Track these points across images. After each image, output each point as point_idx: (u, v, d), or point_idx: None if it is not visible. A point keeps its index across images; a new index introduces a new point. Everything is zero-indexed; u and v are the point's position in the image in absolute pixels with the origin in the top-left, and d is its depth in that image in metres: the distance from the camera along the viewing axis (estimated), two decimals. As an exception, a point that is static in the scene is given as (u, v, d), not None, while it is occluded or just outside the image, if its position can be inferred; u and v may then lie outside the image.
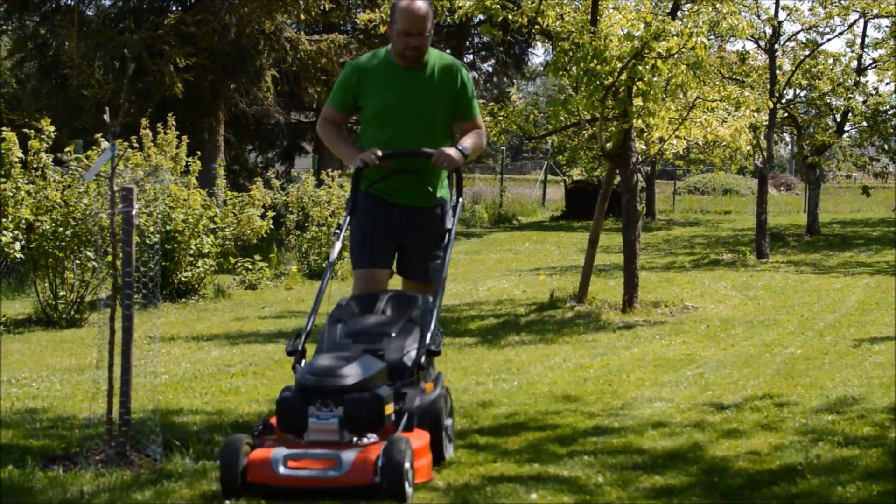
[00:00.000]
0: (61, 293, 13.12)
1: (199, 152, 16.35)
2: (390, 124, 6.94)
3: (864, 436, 6.63)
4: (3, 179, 12.64)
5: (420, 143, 6.89)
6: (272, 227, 17.62)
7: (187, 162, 15.62)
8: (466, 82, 7.06)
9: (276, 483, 5.38)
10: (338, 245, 6.81)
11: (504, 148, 40.90)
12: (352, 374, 5.64)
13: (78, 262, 13.09)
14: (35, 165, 13.01)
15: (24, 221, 12.71)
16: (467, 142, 6.99)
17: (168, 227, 14.83)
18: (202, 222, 15.40)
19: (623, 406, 7.71)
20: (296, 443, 5.59)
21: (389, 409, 5.68)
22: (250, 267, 16.96)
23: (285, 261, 18.90)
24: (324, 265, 18.32)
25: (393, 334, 6.06)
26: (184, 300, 14.95)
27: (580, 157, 29.82)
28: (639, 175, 13.67)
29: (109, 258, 6.54)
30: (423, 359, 5.99)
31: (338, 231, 6.93)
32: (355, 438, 5.59)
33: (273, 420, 5.78)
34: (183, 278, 15.24)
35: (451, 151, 6.81)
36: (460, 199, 7.06)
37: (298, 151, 35.47)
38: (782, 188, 52.21)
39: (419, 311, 6.26)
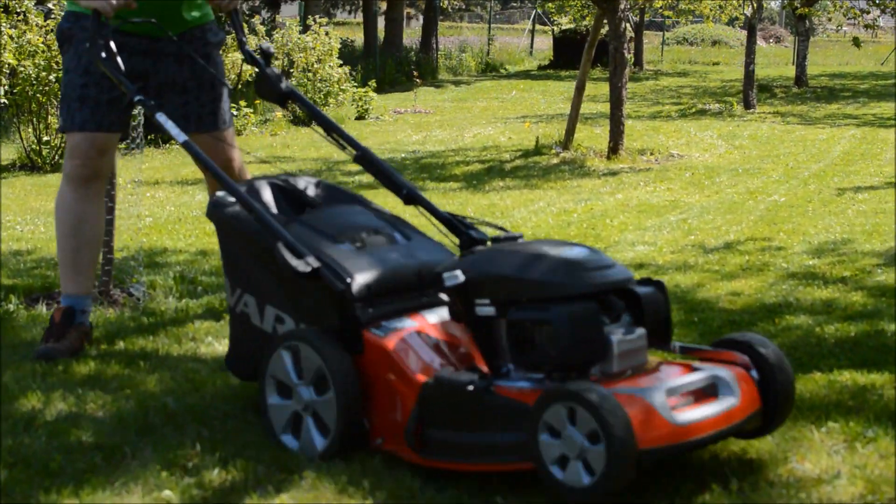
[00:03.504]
0: (45, 138, 13.04)
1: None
2: None
3: (844, 279, 6.67)
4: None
5: None
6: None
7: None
8: None
9: (676, 440, 3.42)
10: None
11: (492, -4, 40.47)
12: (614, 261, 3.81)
13: (61, 105, 12.98)
14: (17, 10, 12.84)
15: (7, 66, 12.58)
16: None
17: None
18: (186, 67, 15.25)
19: (606, 249, 7.73)
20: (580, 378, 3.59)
21: None
22: (235, 113, 16.85)
23: (270, 107, 18.78)
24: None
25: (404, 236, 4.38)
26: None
27: (569, 6, 29.50)
28: (627, 24, 13.53)
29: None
30: None
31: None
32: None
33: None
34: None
35: None
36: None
37: (284, -2, 35.07)
38: (771, 40, 51.86)
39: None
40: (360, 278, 3.92)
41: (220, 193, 4.39)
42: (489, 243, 4.17)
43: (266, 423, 3.96)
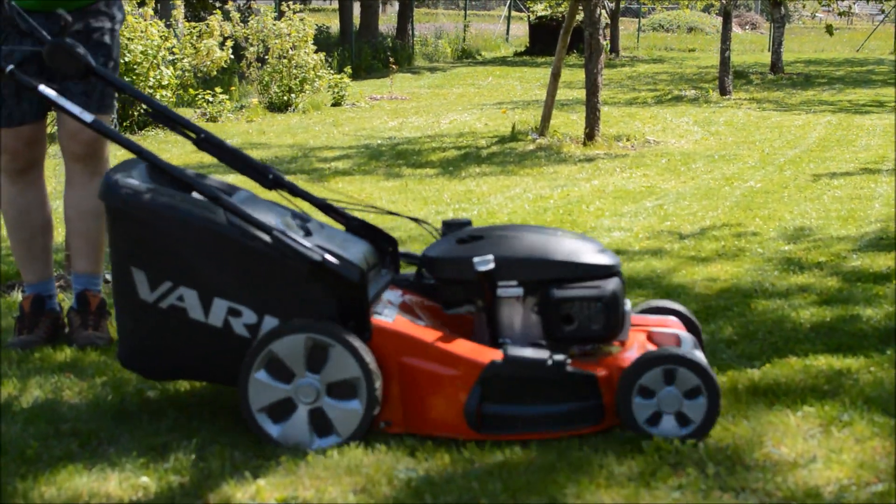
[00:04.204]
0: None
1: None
2: None
3: (819, 264, 6.69)
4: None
5: None
6: (231, 57, 17.42)
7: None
8: None
9: None
10: None
11: (468, -17, 40.42)
12: None
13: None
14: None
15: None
16: None
17: (126, 59, 14.65)
18: (161, 54, 15.21)
19: (582, 235, 7.73)
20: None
21: None
22: (211, 99, 16.79)
23: (246, 93, 18.74)
24: (285, 98, 18.17)
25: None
26: (144, 132, 14.82)
27: (544, -7, 29.52)
28: (602, 10, 13.54)
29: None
30: None
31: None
32: None
33: None
34: (142, 110, 15.06)
35: None
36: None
37: (260, -16, 34.95)
38: (747, 27, 51.96)
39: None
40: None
41: (123, 180, 3.96)
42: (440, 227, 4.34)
43: (242, 395, 3.82)
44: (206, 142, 4.36)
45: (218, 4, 28.17)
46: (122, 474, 3.56)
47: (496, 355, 3.84)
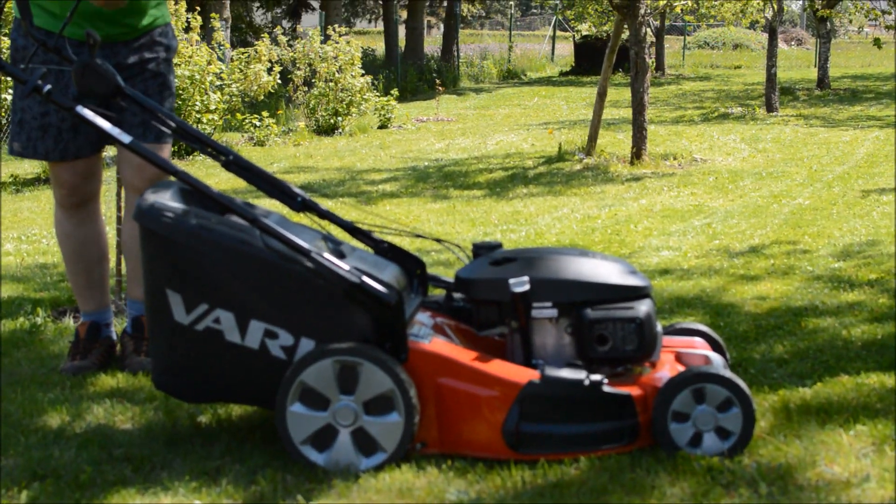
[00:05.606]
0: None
1: (198, 7, 16.22)
2: None
3: (870, 282, 6.64)
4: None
5: None
6: (279, 82, 17.51)
7: (188, 18, 15.49)
8: None
9: None
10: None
11: (513, 3, 40.49)
12: None
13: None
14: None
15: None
16: None
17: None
18: (208, 79, 15.32)
19: (631, 254, 7.73)
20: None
21: None
22: (258, 124, 16.89)
23: (293, 117, 18.83)
24: (331, 121, 18.25)
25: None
26: (191, 157, 14.92)
27: (589, 12, 29.51)
28: (647, 28, 13.53)
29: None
30: None
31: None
32: None
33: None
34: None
35: None
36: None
37: (305, 8, 35.21)
38: (793, 43, 51.78)
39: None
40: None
41: (158, 202, 3.93)
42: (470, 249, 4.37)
43: (282, 430, 3.83)
44: (235, 164, 4.33)
45: (267, 29, 28.36)
46: (175, 499, 3.59)
47: (534, 375, 3.87)
